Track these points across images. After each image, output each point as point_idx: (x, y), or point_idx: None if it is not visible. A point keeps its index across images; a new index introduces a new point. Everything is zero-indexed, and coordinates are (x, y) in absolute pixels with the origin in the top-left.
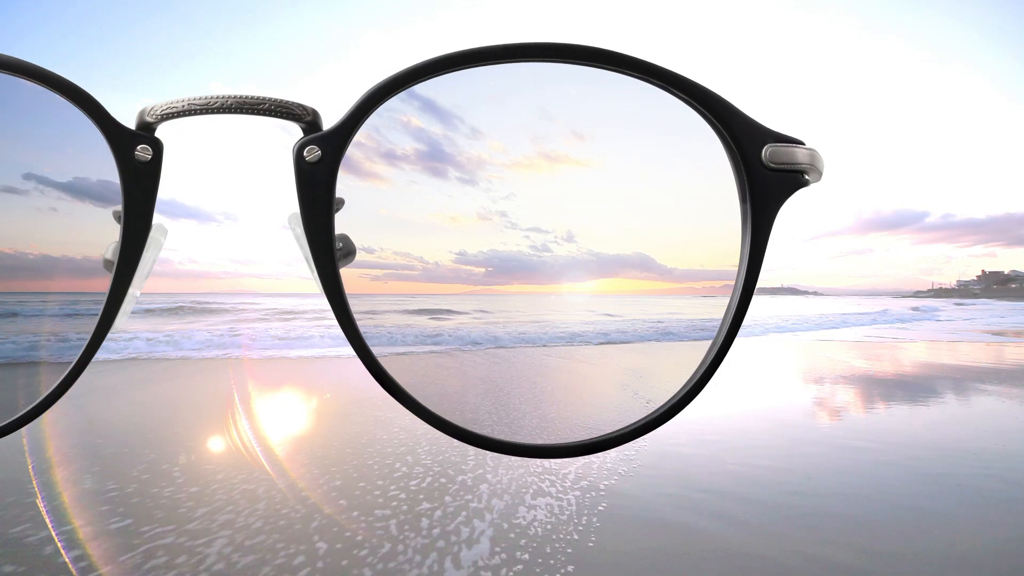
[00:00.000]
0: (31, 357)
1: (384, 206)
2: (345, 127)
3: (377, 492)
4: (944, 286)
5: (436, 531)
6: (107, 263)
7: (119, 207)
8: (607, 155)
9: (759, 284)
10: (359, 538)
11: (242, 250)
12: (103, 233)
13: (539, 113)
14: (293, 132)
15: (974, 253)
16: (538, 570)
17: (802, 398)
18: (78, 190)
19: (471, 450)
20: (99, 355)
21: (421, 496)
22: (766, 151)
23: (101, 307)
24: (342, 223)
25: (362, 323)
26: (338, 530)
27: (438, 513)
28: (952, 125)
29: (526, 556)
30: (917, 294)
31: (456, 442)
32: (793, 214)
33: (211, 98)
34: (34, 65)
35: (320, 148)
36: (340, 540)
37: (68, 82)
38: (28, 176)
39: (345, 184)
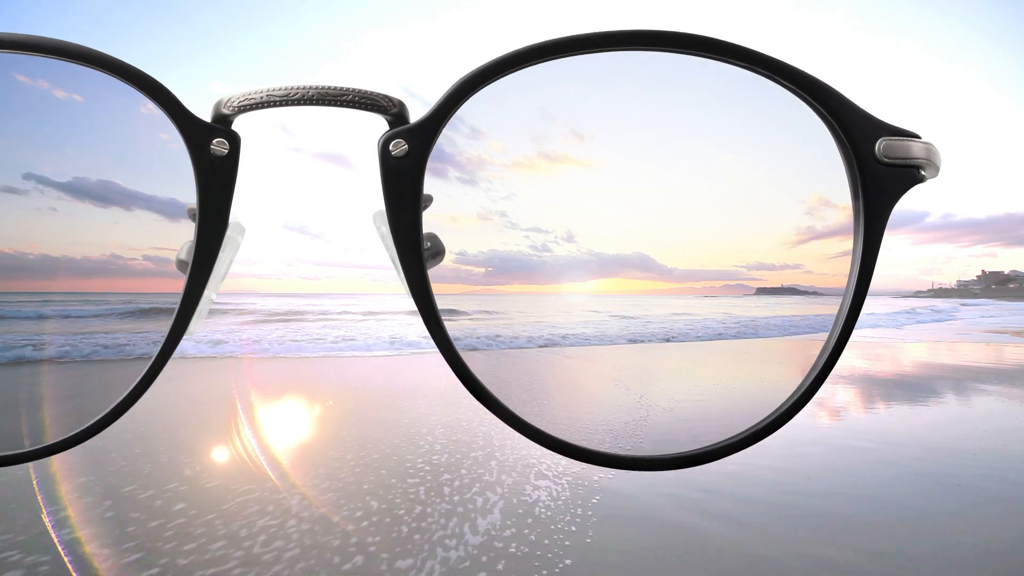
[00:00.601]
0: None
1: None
2: (433, 120)
3: (408, 464)
4: (944, 286)
5: (456, 498)
6: (181, 263)
7: (193, 204)
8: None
9: (763, 284)
10: (398, 500)
11: (242, 250)
12: (100, 233)
13: (539, 113)
14: (293, 131)
15: (974, 253)
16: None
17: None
18: (78, 190)
19: (480, 430)
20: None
21: (442, 468)
22: (880, 145)
23: (176, 309)
24: (429, 221)
25: (450, 327)
26: (383, 492)
27: (457, 483)
28: (952, 125)
29: (532, 537)
30: (917, 294)
31: (467, 423)
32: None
33: (291, 89)
34: (100, 52)
35: (407, 142)
36: (385, 501)
37: (138, 71)
38: (28, 176)
39: (344, 184)
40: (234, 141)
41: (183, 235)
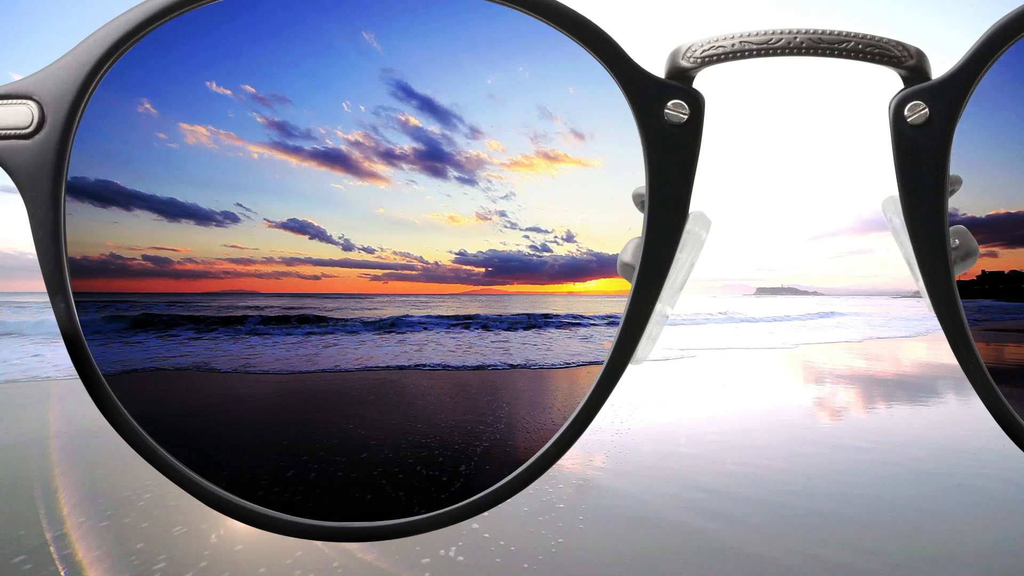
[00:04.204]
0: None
1: (383, 206)
2: (963, 75)
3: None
4: None
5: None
6: (624, 267)
7: (641, 188)
8: None
9: (761, 284)
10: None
11: (241, 250)
12: (100, 233)
13: (538, 112)
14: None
15: None
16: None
17: (802, 398)
18: (77, 190)
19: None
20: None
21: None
22: None
23: (619, 328)
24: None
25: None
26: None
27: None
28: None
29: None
30: (917, 294)
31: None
32: (793, 213)
33: (772, 34)
34: None
35: (928, 105)
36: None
37: (574, 14)
38: None
39: (343, 184)
40: (696, 103)
41: (184, 235)
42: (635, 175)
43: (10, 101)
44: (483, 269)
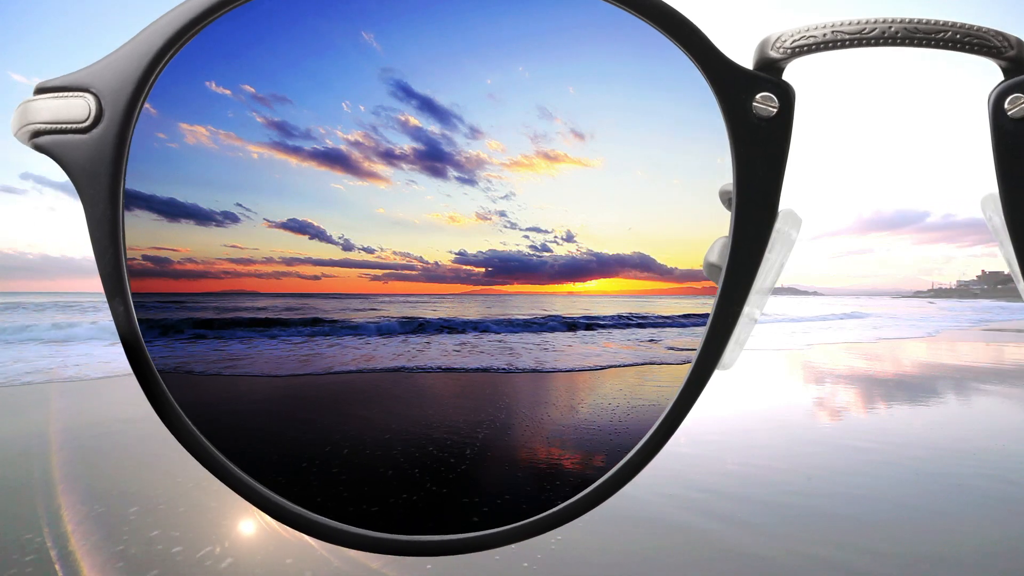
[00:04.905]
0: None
1: (383, 206)
2: None
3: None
4: (944, 286)
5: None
6: (710, 268)
7: (728, 185)
8: None
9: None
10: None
11: (241, 250)
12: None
13: (539, 112)
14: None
15: (974, 253)
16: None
17: (802, 398)
18: (74, 190)
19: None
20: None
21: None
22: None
23: (705, 332)
24: None
25: None
26: None
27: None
28: (954, 124)
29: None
30: (917, 294)
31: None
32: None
33: (865, 23)
34: None
35: None
36: None
37: (659, 2)
38: (26, 176)
39: (343, 184)
40: (786, 96)
41: (184, 235)
42: (719, 171)
43: (66, 94)
44: (483, 269)
